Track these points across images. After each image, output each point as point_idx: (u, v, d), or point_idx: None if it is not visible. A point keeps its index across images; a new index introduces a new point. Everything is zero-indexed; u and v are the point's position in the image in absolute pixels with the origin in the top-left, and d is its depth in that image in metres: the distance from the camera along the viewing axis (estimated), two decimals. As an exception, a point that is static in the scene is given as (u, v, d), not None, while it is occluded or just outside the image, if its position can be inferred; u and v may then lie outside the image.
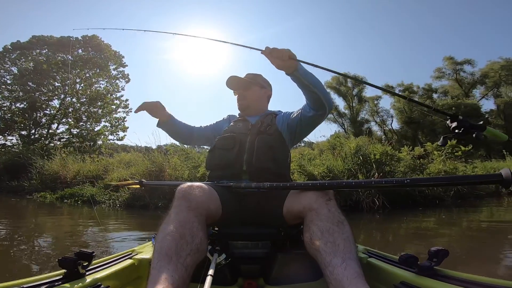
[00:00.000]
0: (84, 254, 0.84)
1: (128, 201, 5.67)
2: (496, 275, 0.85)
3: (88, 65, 18.51)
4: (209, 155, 1.37)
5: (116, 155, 10.36)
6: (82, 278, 0.82)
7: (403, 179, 0.85)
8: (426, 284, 0.77)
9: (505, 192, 6.25)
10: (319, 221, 0.84)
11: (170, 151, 6.85)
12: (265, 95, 1.52)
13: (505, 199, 5.95)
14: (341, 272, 0.71)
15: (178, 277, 0.70)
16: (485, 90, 26.06)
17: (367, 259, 1.06)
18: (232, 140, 1.29)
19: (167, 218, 0.85)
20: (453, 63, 26.26)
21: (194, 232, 0.81)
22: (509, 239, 2.94)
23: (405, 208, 4.75)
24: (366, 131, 25.97)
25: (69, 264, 0.80)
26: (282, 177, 1.29)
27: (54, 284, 0.76)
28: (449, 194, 5.42)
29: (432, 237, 3.03)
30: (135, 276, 1.04)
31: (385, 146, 5.72)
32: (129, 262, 1.04)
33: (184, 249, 0.76)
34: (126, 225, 4.00)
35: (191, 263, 0.76)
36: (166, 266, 0.71)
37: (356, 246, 0.81)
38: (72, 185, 8.12)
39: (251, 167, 1.22)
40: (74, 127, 18.28)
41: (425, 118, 24.04)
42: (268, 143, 1.26)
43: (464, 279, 0.75)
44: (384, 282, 0.92)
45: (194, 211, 0.87)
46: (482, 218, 4.13)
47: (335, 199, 0.92)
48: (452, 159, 6.14)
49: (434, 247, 0.84)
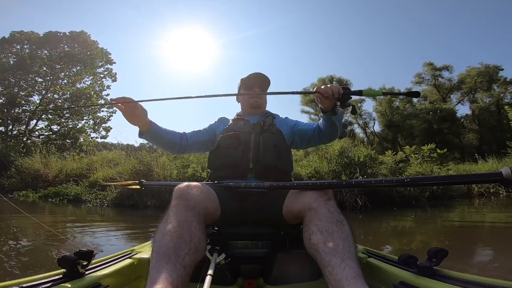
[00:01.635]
0: (83, 253, 0.84)
1: (117, 200, 5.66)
2: (465, 270, 0.97)
3: (73, 61, 17.96)
4: (213, 155, 1.35)
5: (99, 153, 10.19)
6: (82, 278, 0.82)
7: (403, 178, 0.85)
8: (425, 284, 0.77)
9: (475, 193, 6.71)
10: (319, 221, 0.85)
11: (158, 150, 6.86)
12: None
13: (475, 200, 6.34)
14: (340, 272, 0.71)
15: (177, 276, 0.70)
16: (462, 95, 27.10)
17: (366, 259, 1.07)
18: (237, 138, 1.29)
19: (165, 218, 0.85)
20: (432, 68, 27.10)
21: (192, 232, 0.82)
22: (479, 237, 3.21)
23: (385, 207, 5.05)
24: (349, 133, 26.74)
25: (69, 264, 0.79)
26: (287, 174, 1.32)
27: (54, 283, 0.76)
28: (424, 195, 5.78)
29: (411, 234, 3.28)
30: (134, 275, 1.05)
31: (369, 150, 6.04)
32: (128, 261, 1.05)
33: (182, 249, 0.76)
34: (115, 224, 4.04)
35: (190, 263, 0.76)
36: (164, 265, 0.71)
37: (355, 246, 0.81)
38: (54, 184, 7.96)
39: (258, 164, 1.22)
40: (54, 123, 17.68)
41: (405, 122, 24.98)
42: (272, 141, 1.28)
43: (463, 279, 0.75)
44: (384, 282, 0.92)
45: (192, 210, 0.87)
46: (455, 217, 4.45)
47: (334, 199, 0.93)
48: (428, 162, 6.56)
49: (433, 247, 0.84)
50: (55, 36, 17.80)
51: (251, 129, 1.34)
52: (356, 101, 29.75)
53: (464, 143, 25.34)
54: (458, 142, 24.44)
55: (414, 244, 2.83)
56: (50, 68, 17.64)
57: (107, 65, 19.70)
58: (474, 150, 19.77)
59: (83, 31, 18.47)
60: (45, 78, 17.66)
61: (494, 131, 24.67)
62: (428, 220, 4.28)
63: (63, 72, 18.08)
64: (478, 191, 6.72)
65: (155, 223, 3.79)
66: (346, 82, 29.36)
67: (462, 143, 25.00)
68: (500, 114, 23.44)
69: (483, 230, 3.52)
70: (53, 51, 18.01)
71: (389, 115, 27.00)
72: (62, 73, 18.04)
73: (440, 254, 0.81)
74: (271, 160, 1.23)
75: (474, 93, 26.47)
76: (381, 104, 27.66)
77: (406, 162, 6.83)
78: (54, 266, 0.82)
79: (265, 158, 1.23)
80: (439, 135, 21.57)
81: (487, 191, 6.67)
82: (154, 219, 4.15)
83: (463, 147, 24.10)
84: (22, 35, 17.66)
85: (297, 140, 1.41)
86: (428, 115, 23.56)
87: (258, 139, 1.28)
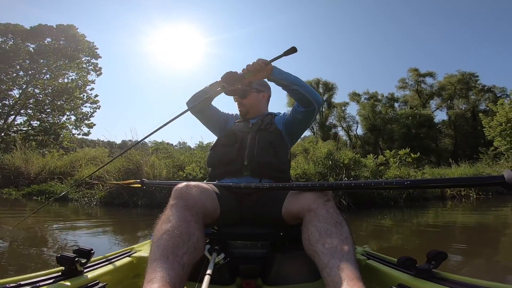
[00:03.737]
0: (82, 251, 0.84)
1: (106, 199, 5.66)
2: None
3: (57, 55, 17.39)
4: (211, 153, 1.39)
5: (80, 150, 10.03)
6: (80, 276, 0.82)
7: (403, 180, 0.84)
8: (424, 287, 0.77)
9: (448, 195, 7.19)
10: (318, 222, 0.85)
11: (150, 150, 6.88)
12: (263, 98, 1.54)
13: (448, 202, 6.76)
14: (339, 273, 0.71)
15: (175, 275, 0.70)
16: (441, 101, 28.08)
17: (365, 261, 1.07)
18: (234, 137, 1.33)
19: (164, 217, 0.86)
20: (416, 74, 27.96)
21: (190, 231, 0.82)
22: (452, 235, 3.45)
23: (366, 208, 5.36)
24: (333, 136, 27.42)
25: (67, 261, 0.80)
26: (283, 173, 1.32)
27: (52, 281, 0.76)
28: (401, 197, 6.15)
29: (390, 233, 3.55)
30: (133, 274, 1.05)
31: (354, 153, 6.38)
32: (127, 260, 1.05)
33: (180, 248, 0.76)
34: (107, 222, 4.08)
35: (188, 262, 0.76)
36: (162, 264, 0.71)
37: (354, 248, 0.80)
38: (37, 182, 7.78)
39: (252, 161, 1.24)
40: (34, 119, 17.05)
41: (386, 126, 25.85)
42: (268, 139, 1.30)
43: (462, 282, 0.76)
44: (382, 284, 0.92)
45: (190, 210, 0.88)
46: (429, 218, 4.80)
47: (333, 200, 0.93)
48: (406, 166, 6.99)
49: (433, 250, 0.84)
50: (41, 29, 17.19)
51: (249, 128, 1.38)
52: (341, 104, 30.60)
53: (440, 148, 26.36)
54: (435, 146, 25.36)
55: (393, 242, 3.09)
56: (34, 62, 17.00)
57: (92, 59, 19.20)
58: (449, 155, 20.80)
59: (72, 25, 17.99)
60: (28, 72, 17.02)
61: (468, 137, 25.86)
62: (405, 220, 4.60)
63: (47, 67, 17.48)
64: (450, 194, 7.20)
65: (149, 221, 3.88)
66: (331, 86, 30.11)
67: (438, 147, 25.99)
68: (475, 120, 24.32)
69: (455, 229, 3.79)
70: (38, 44, 17.38)
71: (371, 119, 27.73)
72: (45, 68, 17.43)
73: (439, 256, 0.82)
74: (265, 158, 1.25)
75: (452, 100, 27.48)
76: (364, 108, 28.45)
77: (386, 165, 7.25)
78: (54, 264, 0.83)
79: (260, 155, 1.25)
80: (417, 140, 22.32)
81: (458, 194, 7.17)
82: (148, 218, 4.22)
83: (439, 152, 25.05)
84: (6, 28, 16.91)
85: (291, 126, 1.41)
86: (408, 120, 24.31)
87: (254, 137, 1.31)
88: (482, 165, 10.49)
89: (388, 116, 27.02)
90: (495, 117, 14.36)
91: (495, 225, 4.08)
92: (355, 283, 0.68)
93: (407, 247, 2.76)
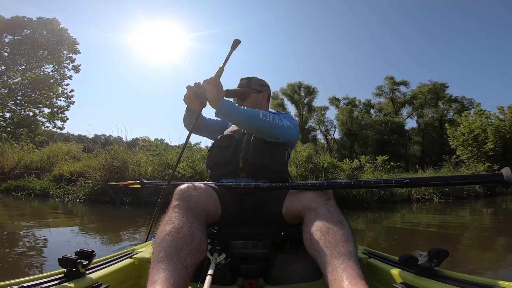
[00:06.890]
0: (84, 253, 0.84)
1: (91, 196, 5.65)
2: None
3: (36, 48, 16.63)
4: (208, 154, 1.40)
5: (53, 144, 9.73)
6: (82, 277, 0.82)
7: (402, 179, 0.84)
8: (426, 285, 0.77)
9: (414, 199, 7.84)
10: (318, 221, 0.85)
11: (137, 147, 6.90)
12: (264, 98, 1.53)
13: (414, 205, 7.23)
14: (341, 272, 0.70)
15: (178, 277, 0.70)
16: (412, 110, 29.44)
17: (367, 259, 1.07)
18: (229, 138, 1.33)
19: (166, 218, 0.86)
20: (392, 83, 29.13)
21: (193, 232, 0.82)
22: (417, 236, 3.74)
23: (341, 208, 5.76)
24: (311, 139, 28.27)
25: (70, 263, 0.79)
26: (280, 174, 1.30)
27: (54, 283, 0.76)
28: (373, 199, 6.60)
29: (367, 230, 3.92)
30: (135, 275, 1.05)
31: (332, 158, 6.85)
32: (129, 261, 1.05)
33: (183, 249, 0.76)
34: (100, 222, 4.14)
35: (191, 263, 0.76)
36: (166, 266, 0.71)
37: (356, 247, 0.80)
38: (12, 177, 7.53)
39: (247, 164, 1.24)
40: (5, 110, 16.17)
41: (361, 131, 26.86)
42: (263, 140, 1.25)
43: (464, 280, 0.76)
44: (384, 283, 0.92)
45: (193, 211, 0.88)
46: (397, 219, 5.20)
47: (334, 199, 0.94)
48: (379, 171, 7.58)
49: (434, 248, 0.83)
50: (19, 21, 16.42)
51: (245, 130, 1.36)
52: (321, 108, 31.55)
53: (409, 154, 27.74)
54: (404, 152, 26.61)
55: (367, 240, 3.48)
56: (11, 53, 16.17)
57: (71, 54, 18.57)
58: (417, 161, 22.06)
59: (55, 19, 17.40)
60: (6, 62, 16.14)
61: (435, 144, 27.43)
62: (377, 220, 5.05)
63: (23, 58, 16.68)
64: (416, 197, 7.86)
65: (144, 220, 3.99)
66: (313, 89, 30.98)
67: (408, 153, 27.32)
68: (442, 129, 25.33)
69: (419, 229, 4.12)
70: (16, 36, 16.61)
71: (348, 124, 28.66)
72: (22, 58, 16.61)
73: (441, 254, 0.81)
74: (260, 160, 1.23)
75: (422, 109, 28.91)
76: (343, 113, 29.39)
77: (360, 169, 7.81)
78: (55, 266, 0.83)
79: (254, 157, 1.24)
80: (388, 146, 23.43)
81: (423, 197, 7.85)
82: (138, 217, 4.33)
83: (408, 158, 26.34)
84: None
85: None
86: (381, 126, 25.41)
87: (249, 139, 1.30)
88: (445, 172, 11.25)
89: (364, 122, 27.96)
90: (459, 127, 15.35)
91: (456, 225, 4.45)
92: (357, 282, 0.67)
93: (383, 245, 3.06)
